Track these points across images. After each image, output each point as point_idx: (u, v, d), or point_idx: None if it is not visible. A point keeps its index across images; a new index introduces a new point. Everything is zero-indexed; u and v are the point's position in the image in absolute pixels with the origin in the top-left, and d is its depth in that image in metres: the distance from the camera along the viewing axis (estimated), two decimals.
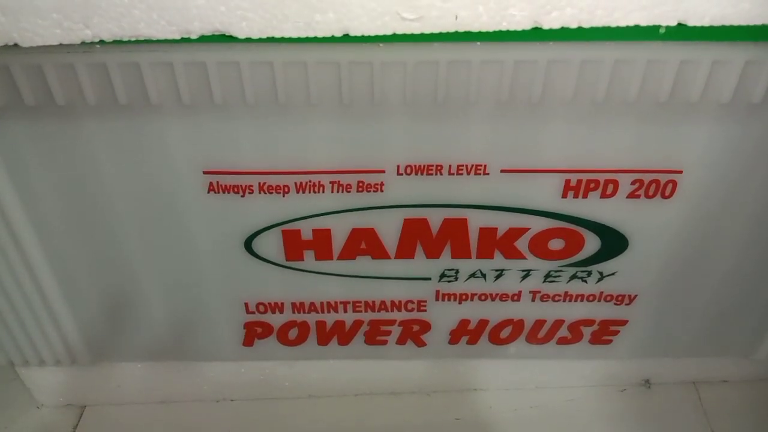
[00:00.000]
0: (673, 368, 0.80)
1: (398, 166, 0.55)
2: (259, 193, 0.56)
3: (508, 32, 0.45)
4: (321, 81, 0.48)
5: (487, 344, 0.72)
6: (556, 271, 0.64)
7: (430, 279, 0.65)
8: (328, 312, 0.68)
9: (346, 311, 0.68)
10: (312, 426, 0.79)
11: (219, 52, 0.46)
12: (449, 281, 0.65)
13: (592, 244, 0.61)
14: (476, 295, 0.66)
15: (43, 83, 0.48)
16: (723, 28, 0.44)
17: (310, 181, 0.56)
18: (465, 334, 0.71)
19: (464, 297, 0.66)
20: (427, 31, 0.45)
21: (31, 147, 0.53)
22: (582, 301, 0.66)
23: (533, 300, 0.67)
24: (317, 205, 0.58)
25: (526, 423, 0.78)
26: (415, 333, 0.71)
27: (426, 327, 0.70)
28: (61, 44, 0.45)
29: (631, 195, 0.57)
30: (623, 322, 0.69)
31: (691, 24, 0.44)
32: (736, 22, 0.44)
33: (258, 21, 0.44)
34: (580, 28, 0.44)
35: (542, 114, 0.51)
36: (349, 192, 0.56)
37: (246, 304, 0.67)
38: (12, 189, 0.56)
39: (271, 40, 0.45)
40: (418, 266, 0.63)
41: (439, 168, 0.55)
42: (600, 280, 0.64)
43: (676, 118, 0.51)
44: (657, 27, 0.45)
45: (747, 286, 0.65)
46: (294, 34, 0.45)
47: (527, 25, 0.44)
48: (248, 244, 0.61)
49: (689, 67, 0.47)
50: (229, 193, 0.56)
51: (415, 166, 0.55)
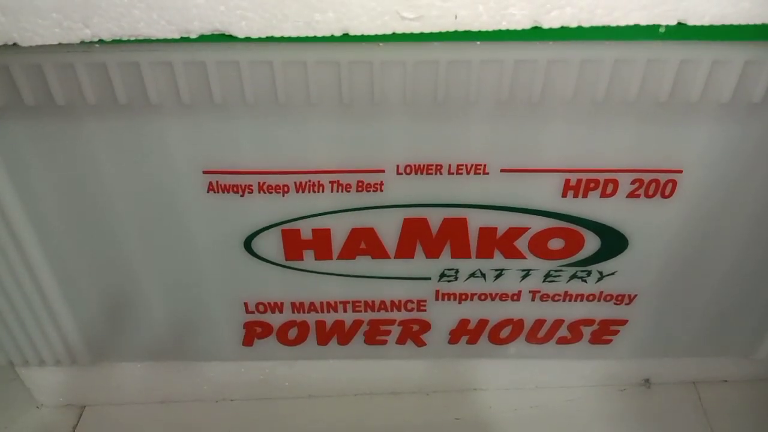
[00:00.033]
0: (673, 368, 0.80)
1: (398, 166, 0.55)
2: (259, 192, 0.56)
3: (508, 32, 0.45)
4: (321, 80, 0.48)
5: (486, 344, 0.72)
6: (556, 271, 0.64)
7: (429, 279, 0.65)
8: (328, 312, 0.68)
9: (345, 311, 0.68)
10: (312, 426, 0.79)
11: (219, 51, 0.46)
12: (449, 281, 0.65)
13: (592, 243, 0.61)
14: (476, 294, 0.66)
15: (43, 83, 0.48)
16: (723, 27, 0.44)
17: (309, 181, 0.56)
18: (465, 333, 0.71)
19: (464, 297, 0.66)
20: (427, 30, 0.45)
21: (31, 147, 0.53)
22: (582, 300, 0.66)
23: (533, 300, 0.66)
24: (317, 204, 0.58)
25: (526, 423, 0.78)
26: (414, 333, 0.71)
27: (426, 327, 0.70)
28: (60, 44, 0.45)
29: (631, 195, 0.57)
30: (623, 322, 0.69)
31: (691, 23, 0.44)
32: (736, 22, 0.44)
33: (257, 20, 0.44)
34: (580, 28, 0.44)
35: (542, 114, 0.51)
36: (349, 192, 0.56)
37: (246, 304, 0.67)
38: (12, 189, 0.56)
39: (271, 39, 0.45)
40: (417, 266, 0.63)
41: (438, 168, 0.55)
42: (600, 279, 0.64)
43: (676, 118, 0.51)
44: (657, 26, 0.45)
45: (747, 286, 0.65)
46: (294, 34, 0.45)
47: (527, 25, 0.44)
48: (248, 244, 0.61)
49: (689, 67, 0.47)
50: (228, 192, 0.56)
51: (415, 165, 0.55)
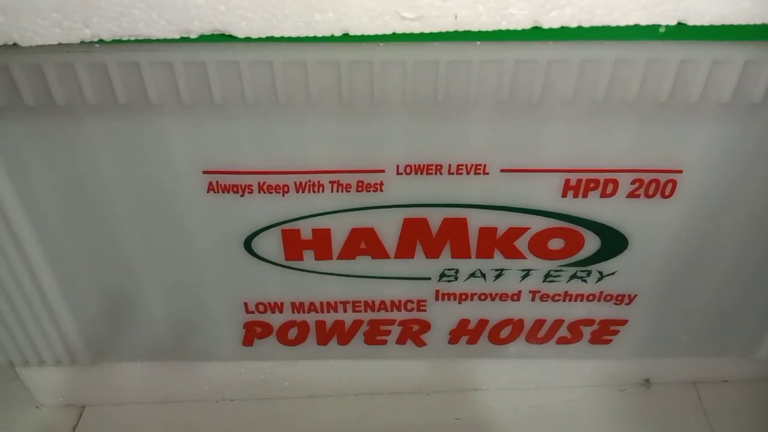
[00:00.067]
0: (673, 368, 0.80)
1: (398, 166, 0.55)
2: (259, 192, 0.56)
3: (508, 32, 0.45)
4: (321, 80, 0.48)
5: (486, 344, 0.72)
6: (556, 271, 0.64)
7: (429, 279, 0.65)
8: (328, 312, 0.68)
9: (345, 311, 0.68)
10: (312, 426, 0.79)
11: (218, 51, 0.46)
12: (449, 281, 0.65)
13: (592, 243, 0.61)
14: (476, 294, 0.66)
15: (43, 83, 0.48)
16: (723, 27, 0.44)
17: (309, 181, 0.56)
18: (465, 333, 0.71)
19: (464, 297, 0.66)
20: (427, 30, 0.45)
21: (31, 147, 0.53)
22: (582, 300, 0.66)
23: (533, 300, 0.66)
24: (317, 204, 0.58)
25: (526, 423, 0.78)
26: (414, 333, 0.71)
27: (426, 327, 0.70)
28: (60, 44, 0.45)
29: (631, 195, 0.56)
30: (623, 322, 0.69)
31: (691, 23, 0.44)
32: (736, 22, 0.44)
33: (257, 20, 0.44)
34: (579, 28, 0.44)
35: (542, 114, 0.51)
36: (349, 192, 0.56)
37: (246, 304, 0.67)
38: (12, 189, 0.56)
39: (271, 39, 0.45)
40: (417, 266, 0.63)
41: (438, 168, 0.55)
42: (600, 279, 0.64)
43: (676, 118, 0.51)
44: (657, 26, 0.45)
45: (747, 286, 0.65)
46: (294, 34, 0.45)
47: (527, 25, 0.44)
48: (248, 244, 0.61)
49: (689, 67, 0.47)
50: (228, 192, 0.56)
51: (415, 165, 0.55)
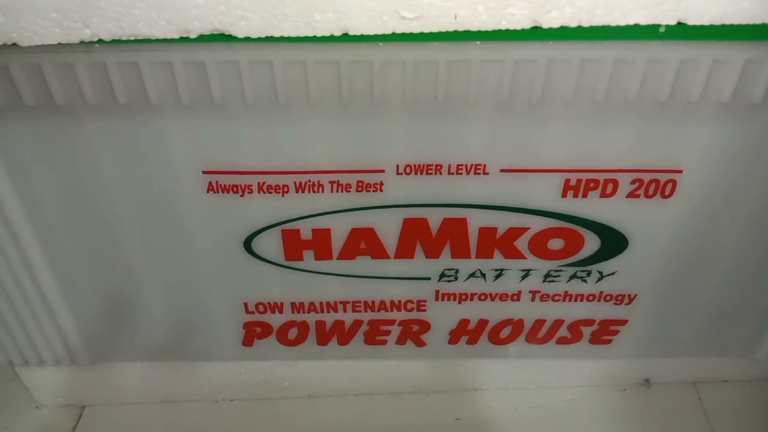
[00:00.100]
0: (673, 368, 0.80)
1: (398, 166, 0.55)
2: (259, 192, 0.56)
3: (508, 31, 0.45)
4: (320, 80, 0.48)
5: (486, 344, 0.72)
6: (556, 271, 0.64)
7: (429, 279, 0.65)
8: (328, 312, 0.68)
9: (345, 311, 0.68)
10: (312, 426, 0.79)
11: (218, 51, 0.46)
12: (449, 281, 0.65)
13: (591, 243, 0.61)
14: (476, 294, 0.66)
15: (43, 83, 0.48)
16: (723, 27, 0.44)
17: (309, 181, 0.56)
18: (465, 333, 0.71)
19: (464, 297, 0.66)
20: (427, 30, 0.45)
21: (31, 147, 0.53)
22: (582, 300, 0.66)
23: (533, 300, 0.66)
24: (317, 204, 0.58)
25: (526, 423, 0.78)
26: (414, 333, 0.71)
27: (426, 327, 0.70)
28: (60, 44, 0.45)
29: (631, 194, 0.56)
30: (623, 322, 0.69)
31: (691, 23, 0.44)
32: (737, 21, 0.44)
33: (257, 20, 0.44)
34: (579, 27, 0.44)
35: (542, 114, 0.51)
36: (349, 192, 0.56)
37: (245, 304, 0.67)
38: (12, 189, 0.56)
39: (271, 39, 0.45)
40: (417, 266, 0.63)
41: (438, 168, 0.55)
42: (600, 279, 0.64)
43: (676, 118, 0.51)
44: (657, 26, 0.45)
45: (747, 286, 0.65)
46: (293, 34, 0.45)
47: (527, 24, 0.44)
48: (248, 244, 0.61)
49: (689, 67, 0.47)
50: (228, 192, 0.56)
51: (415, 165, 0.55)
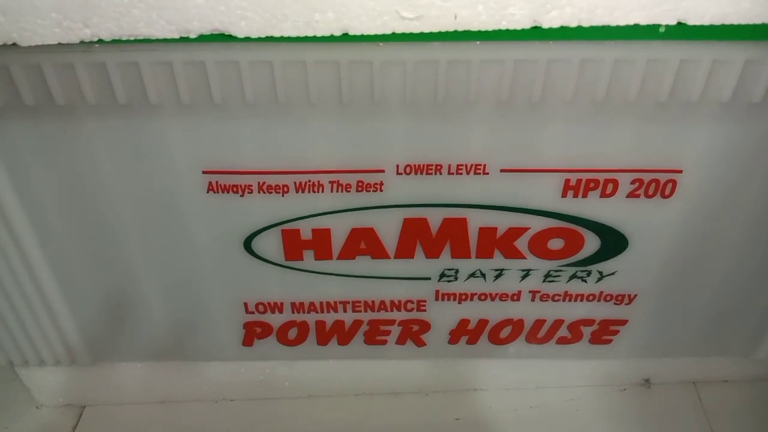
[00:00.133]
0: (673, 368, 0.80)
1: (398, 166, 0.55)
2: (259, 192, 0.56)
3: (508, 31, 0.45)
4: (320, 80, 0.48)
5: (486, 344, 0.72)
6: (556, 271, 0.64)
7: (429, 279, 0.65)
8: (328, 312, 0.68)
9: (345, 311, 0.68)
10: (312, 426, 0.79)
11: (218, 51, 0.46)
12: (449, 281, 0.65)
13: (591, 243, 0.61)
14: (476, 294, 0.66)
15: (43, 83, 0.48)
16: (723, 27, 0.44)
17: (309, 181, 0.56)
18: (465, 333, 0.71)
19: (464, 297, 0.66)
20: (427, 30, 0.45)
21: (31, 147, 0.53)
22: (582, 300, 0.66)
23: (533, 300, 0.66)
24: (317, 204, 0.58)
25: (526, 423, 0.78)
26: (414, 333, 0.71)
27: (426, 327, 0.70)
28: (60, 44, 0.45)
29: (631, 194, 0.56)
30: (623, 322, 0.69)
31: (691, 23, 0.44)
32: (737, 21, 0.44)
33: (257, 20, 0.44)
34: (579, 27, 0.44)
35: (542, 114, 0.51)
36: (349, 192, 0.56)
37: (245, 304, 0.67)
38: (12, 189, 0.56)
39: (271, 39, 0.45)
40: (417, 266, 0.63)
41: (438, 168, 0.55)
42: (600, 279, 0.64)
43: (676, 118, 0.51)
44: (657, 26, 0.45)
45: (747, 286, 0.65)
46: (293, 34, 0.45)
47: (527, 24, 0.44)
48: (248, 244, 0.61)
49: (689, 67, 0.47)
50: (228, 192, 0.56)
51: (415, 165, 0.55)
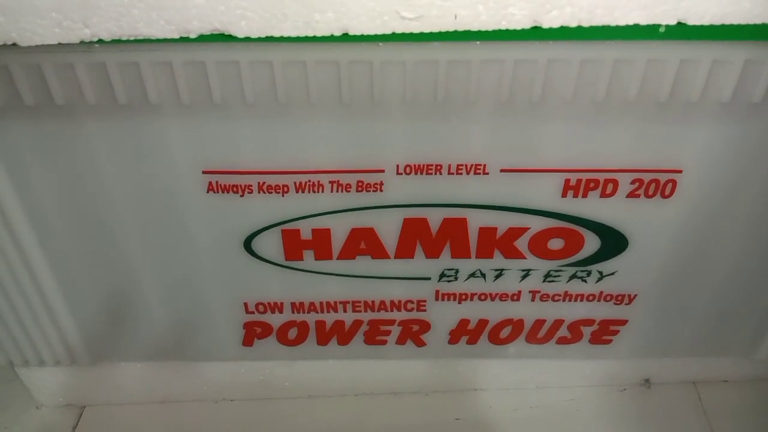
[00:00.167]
0: (673, 368, 0.80)
1: (398, 166, 0.55)
2: (259, 192, 0.56)
3: (508, 31, 0.45)
4: (320, 80, 0.48)
5: (486, 344, 0.72)
6: (556, 271, 0.64)
7: (429, 279, 0.65)
8: (328, 312, 0.68)
9: (345, 311, 0.68)
10: (312, 426, 0.79)
11: (218, 51, 0.46)
12: (449, 281, 0.65)
13: (591, 243, 0.61)
14: (476, 294, 0.66)
15: (43, 83, 0.48)
16: (723, 27, 0.44)
17: (309, 181, 0.56)
18: (465, 333, 0.71)
19: (464, 297, 0.66)
20: (427, 30, 0.44)
21: (31, 147, 0.53)
22: (582, 300, 0.66)
23: (533, 300, 0.66)
24: (317, 204, 0.58)
25: (526, 423, 0.78)
26: (414, 333, 0.71)
27: (426, 327, 0.70)
28: (60, 44, 0.45)
29: (631, 194, 0.56)
30: (623, 322, 0.69)
31: (691, 23, 0.44)
32: (737, 21, 0.44)
33: (257, 20, 0.44)
34: (579, 27, 0.44)
35: (542, 114, 0.51)
36: (349, 192, 0.56)
37: (245, 304, 0.67)
38: (12, 189, 0.56)
39: (271, 39, 0.45)
40: (417, 266, 0.63)
41: (438, 168, 0.55)
42: (600, 279, 0.64)
43: (676, 118, 0.51)
44: (657, 26, 0.45)
45: (747, 286, 0.65)
46: (293, 34, 0.45)
47: (527, 24, 0.44)
48: (248, 244, 0.61)
49: (689, 67, 0.47)
50: (228, 192, 0.56)
51: (415, 165, 0.55)
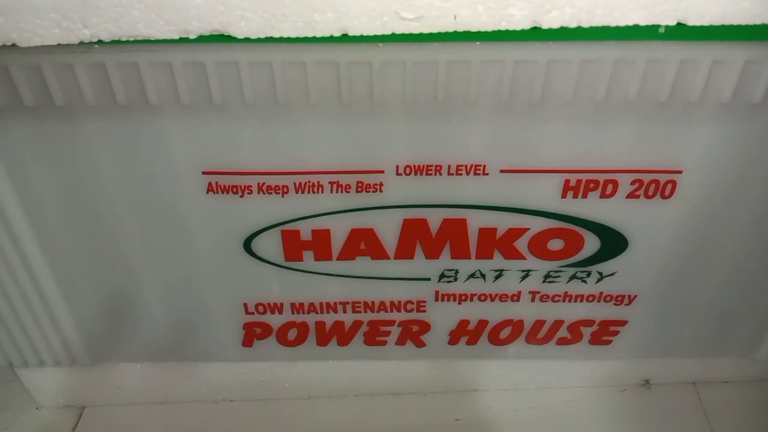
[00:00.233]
0: (673, 368, 0.79)
1: (397, 166, 0.55)
2: (259, 193, 0.56)
3: (508, 32, 0.45)
4: (320, 81, 0.48)
5: (486, 345, 0.72)
6: (556, 272, 0.64)
7: (429, 279, 0.65)
8: (328, 312, 0.68)
9: (345, 312, 0.68)
10: (312, 426, 0.79)
11: (218, 52, 0.46)
12: (449, 281, 0.65)
13: (591, 244, 0.61)
14: (476, 295, 0.66)
15: (42, 83, 0.48)
16: (723, 27, 0.44)
17: (309, 182, 0.56)
18: (464, 334, 0.70)
19: (464, 297, 0.66)
20: (426, 30, 0.44)
21: (30, 147, 0.53)
22: (582, 301, 0.66)
23: (533, 300, 0.66)
24: (316, 205, 0.58)
25: (526, 423, 0.78)
26: (414, 333, 0.71)
27: (425, 327, 0.70)
28: (59, 44, 0.45)
29: (631, 195, 0.56)
30: (623, 323, 0.69)
31: (691, 23, 0.44)
32: (737, 22, 0.44)
33: (257, 21, 0.44)
34: (579, 28, 0.44)
35: (542, 114, 0.51)
36: (349, 192, 0.56)
37: (245, 305, 0.67)
38: (12, 189, 0.56)
39: (270, 40, 0.45)
40: (417, 266, 0.63)
41: (438, 168, 0.55)
42: (600, 280, 0.64)
43: (676, 118, 0.51)
44: (657, 26, 0.45)
45: (747, 286, 0.65)
46: (293, 34, 0.45)
47: (526, 25, 0.44)
48: (247, 245, 0.61)
49: (689, 67, 0.47)
50: (228, 193, 0.56)
51: (415, 166, 0.55)
